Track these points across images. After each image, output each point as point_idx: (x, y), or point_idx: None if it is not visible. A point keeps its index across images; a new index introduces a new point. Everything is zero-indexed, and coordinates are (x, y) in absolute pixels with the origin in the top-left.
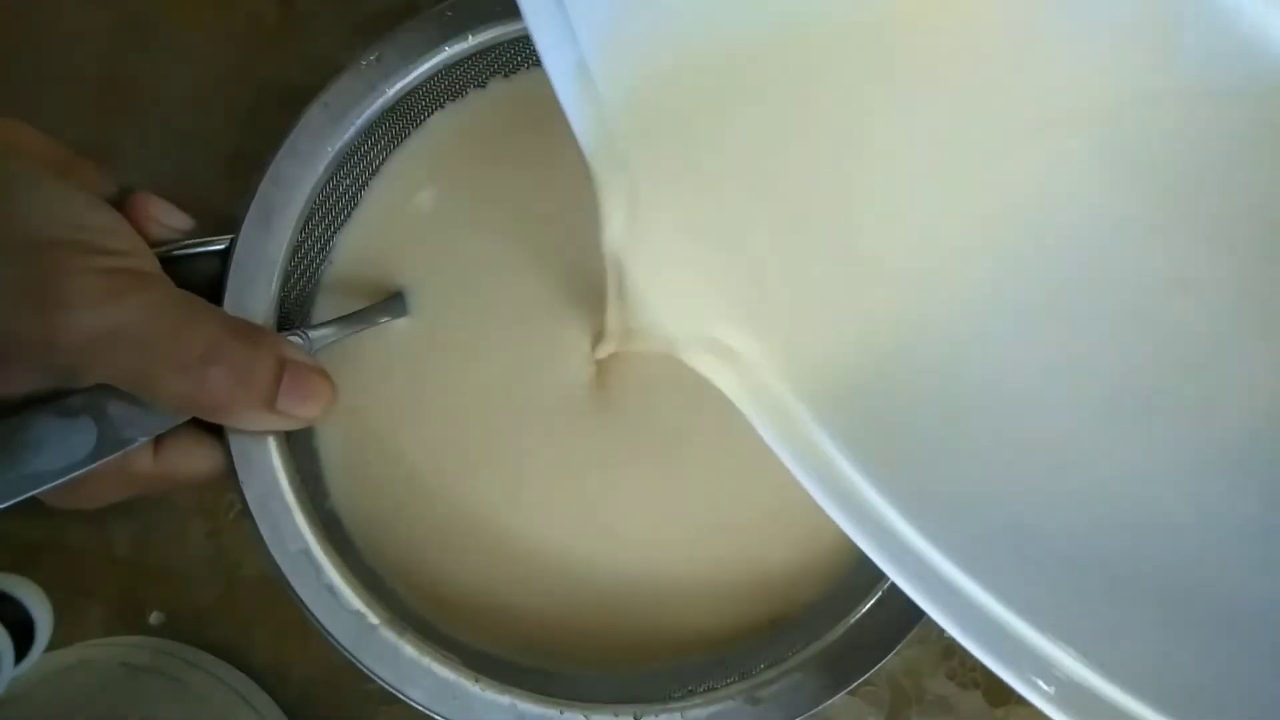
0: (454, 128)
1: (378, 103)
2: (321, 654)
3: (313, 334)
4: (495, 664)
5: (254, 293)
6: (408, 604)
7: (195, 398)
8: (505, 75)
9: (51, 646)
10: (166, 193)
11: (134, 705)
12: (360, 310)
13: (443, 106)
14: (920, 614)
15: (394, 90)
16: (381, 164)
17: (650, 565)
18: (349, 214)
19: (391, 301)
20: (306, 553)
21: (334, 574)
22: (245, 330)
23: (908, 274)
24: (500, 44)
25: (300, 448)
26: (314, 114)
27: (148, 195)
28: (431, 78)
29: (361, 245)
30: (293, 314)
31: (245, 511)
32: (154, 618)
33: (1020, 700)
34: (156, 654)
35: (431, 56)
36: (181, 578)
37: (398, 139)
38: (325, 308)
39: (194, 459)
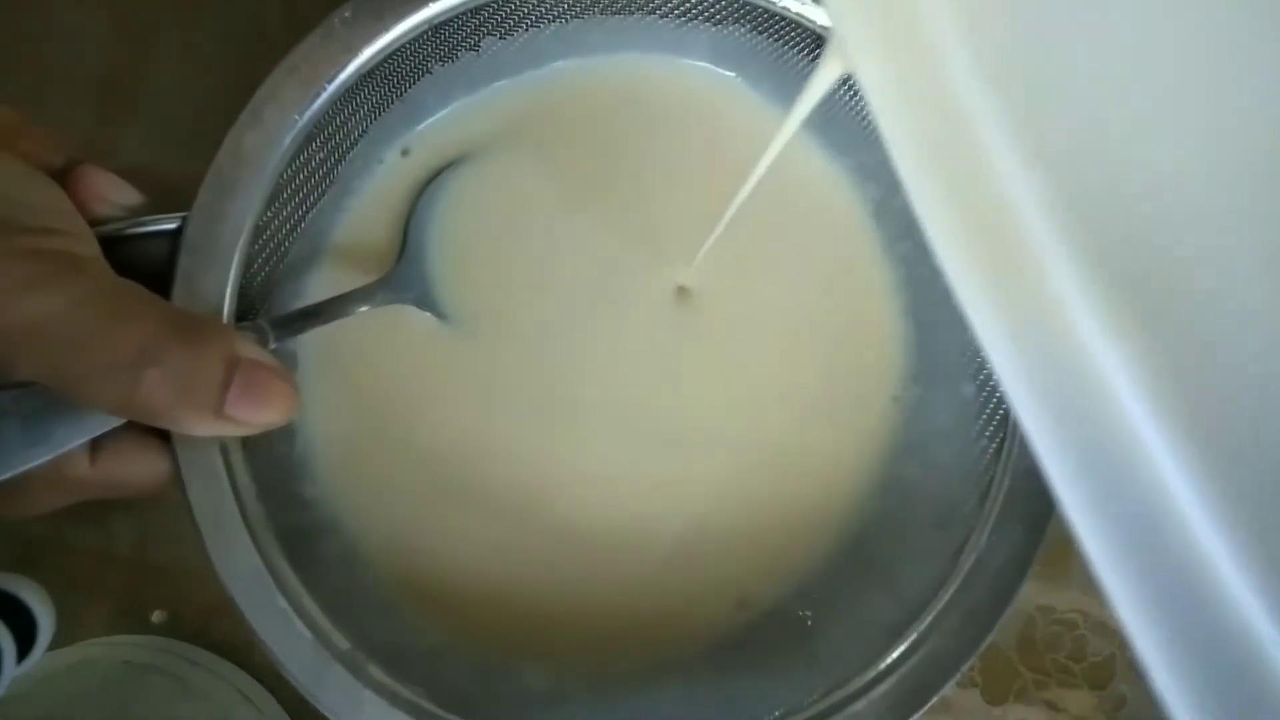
0: (443, 94)
1: (352, 66)
2: None
3: (275, 326)
4: (489, 684)
5: (208, 279)
6: (411, 616)
7: (128, 403)
8: (500, 36)
9: (54, 646)
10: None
11: (136, 704)
12: (338, 297)
13: (430, 71)
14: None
15: (371, 52)
16: (362, 135)
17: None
18: (325, 190)
19: (375, 286)
20: (259, 574)
21: (285, 599)
22: (189, 325)
23: None
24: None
25: (261, 453)
26: (279, 79)
27: (94, 168)
28: (416, 38)
29: (345, 224)
30: (257, 302)
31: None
32: (156, 616)
33: (1018, 699)
34: (158, 653)
35: (413, 13)
36: (183, 577)
37: (380, 108)
38: (314, 291)
39: (137, 466)
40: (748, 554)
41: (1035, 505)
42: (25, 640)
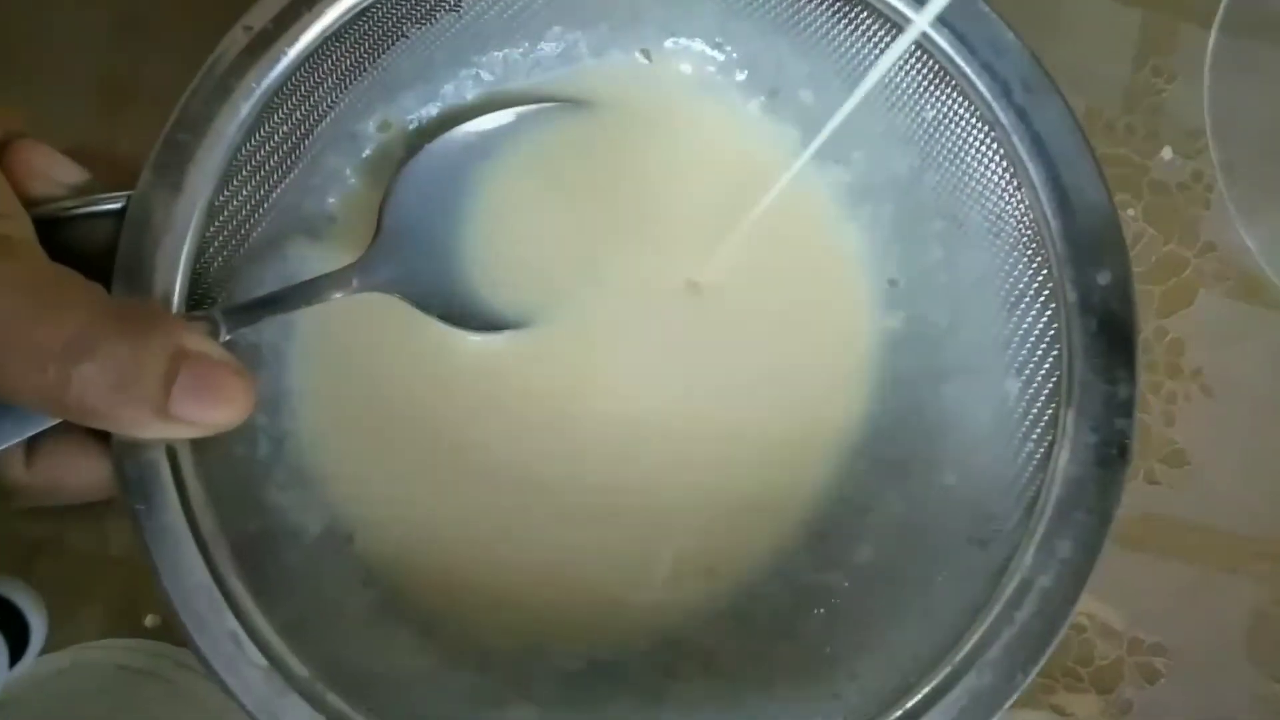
0: (422, 62)
1: (316, 28)
2: None
3: (229, 316)
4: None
5: (155, 264)
6: (393, 632)
7: (58, 401)
8: None
9: (46, 649)
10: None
11: (129, 708)
12: (301, 283)
13: (405, 35)
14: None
15: (338, 13)
16: (333, 106)
17: None
18: (292, 167)
19: (346, 272)
20: (208, 591)
21: (236, 619)
22: (128, 315)
23: None
24: None
25: (215, 457)
26: (235, 42)
27: (31, 143)
28: None
29: (316, 204)
30: (215, 290)
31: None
32: (149, 620)
33: (1024, 704)
34: (152, 656)
35: None
36: None
37: (351, 75)
38: (281, 277)
39: (77, 470)
40: (715, 520)
41: (1090, 518)
42: (17, 644)
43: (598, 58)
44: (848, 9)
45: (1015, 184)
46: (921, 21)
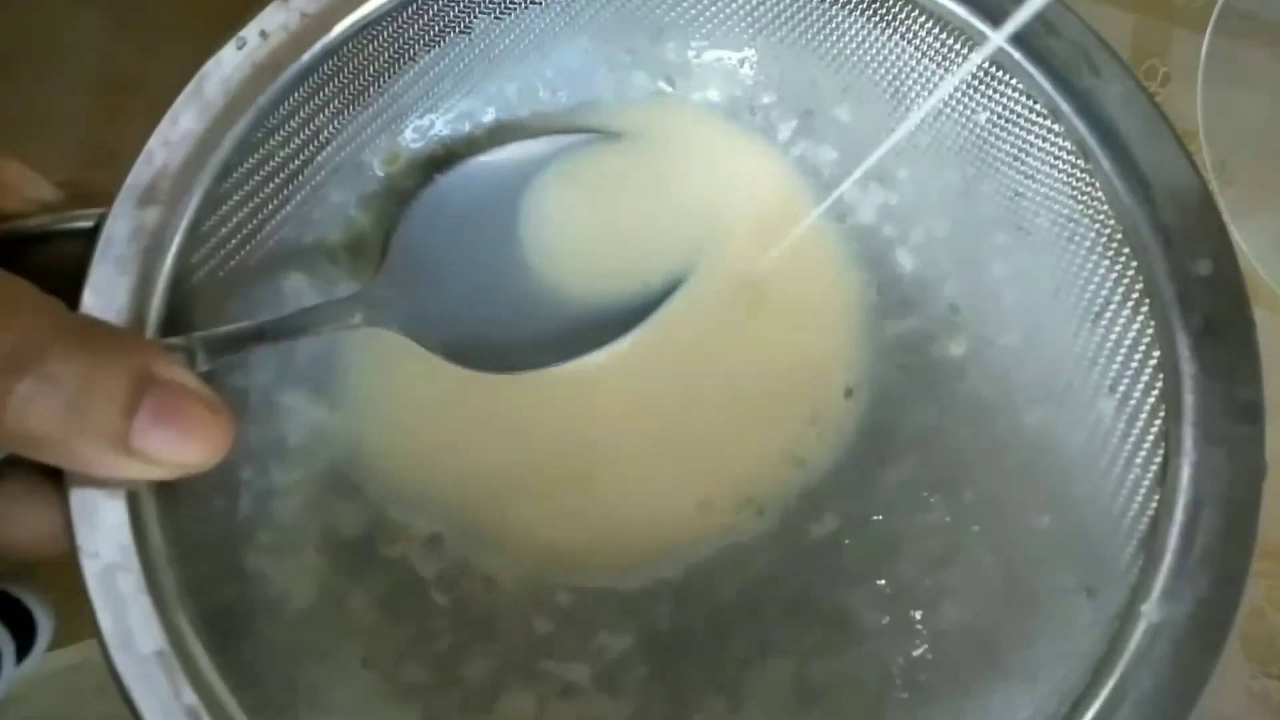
0: (431, 86)
1: (317, 45)
2: None
3: (207, 345)
4: None
5: (128, 288)
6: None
7: None
8: (496, 15)
9: (53, 647)
10: None
11: None
12: (292, 314)
13: (414, 59)
14: None
15: (339, 30)
16: (339, 131)
17: None
18: (292, 192)
19: (346, 304)
20: (165, 660)
21: (195, 694)
22: (87, 331)
23: None
24: None
25: (188, 508)
26: (228, 56)
27: (4, 160)
28: (392, 14)
29: (315, 233)
30: (197, 322)
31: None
32: None
33: None
34: None
35: None
36: None
37: (355, 100)
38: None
39: (23, 518)
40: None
41: (1224, 545)
42: (25, 641)
43: (618, 83)
44: (882, 8)
45: (1088, 178)
46: (998, 38)
